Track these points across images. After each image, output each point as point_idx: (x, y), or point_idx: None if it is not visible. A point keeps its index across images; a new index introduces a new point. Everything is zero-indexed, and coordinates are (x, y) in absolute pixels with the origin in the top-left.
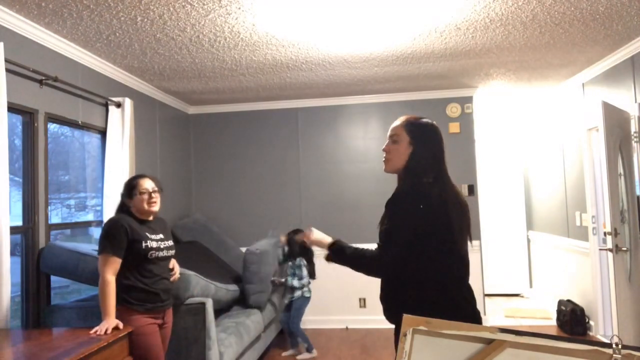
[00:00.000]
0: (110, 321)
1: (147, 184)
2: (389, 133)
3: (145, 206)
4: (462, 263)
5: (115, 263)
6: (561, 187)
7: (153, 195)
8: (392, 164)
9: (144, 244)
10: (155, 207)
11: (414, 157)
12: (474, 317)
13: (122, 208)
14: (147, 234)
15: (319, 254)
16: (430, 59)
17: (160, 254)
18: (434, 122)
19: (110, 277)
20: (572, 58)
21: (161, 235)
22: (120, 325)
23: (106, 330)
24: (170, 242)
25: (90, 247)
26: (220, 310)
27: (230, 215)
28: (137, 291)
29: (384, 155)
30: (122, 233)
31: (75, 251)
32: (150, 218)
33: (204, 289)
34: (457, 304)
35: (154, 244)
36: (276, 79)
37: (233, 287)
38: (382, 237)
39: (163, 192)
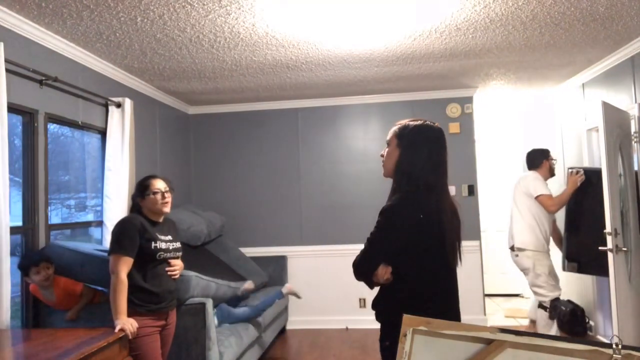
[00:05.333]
0: (124, 320)
1: (160, 184)
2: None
3: (159, 206)
4: (450, 276)
5: (129, 263)
6: (561, 187)
7: (166, 195)
8: (386, 168)
9: (153, 245)
10: (167, 208)
11: (402, 160)
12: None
13: (134, 208)
14: (157, 234)
15: None
16: (430, 59)
17: (168, 255)
18: (431, 124)
19: (124, 277)
20: (572, 58)
21: (170, 237)
22: (135, 324)
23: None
24: (178, 244)
25: (91, 247)
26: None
27: (230, 215)
28: (142, 292)
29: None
30: (135, 233)
31: (76, 250)
32: (160, 220)
33: (204, 289)
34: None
35: (163, 245)
36: (276, 79)
37: (235, 284)
38: (365, 245)
39: (174, 192)
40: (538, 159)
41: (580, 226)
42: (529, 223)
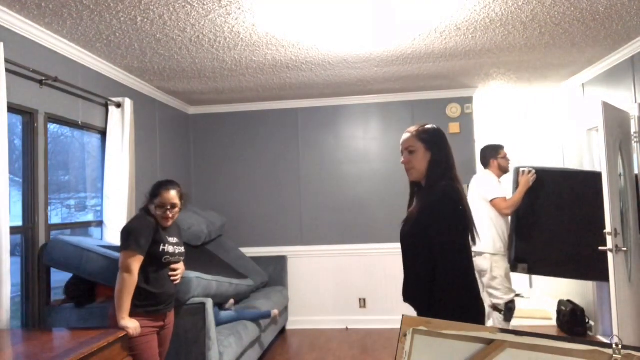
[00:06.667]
0: (128, 320)
1: (168, 198)
2: (402, 146)
3: (158, 218)
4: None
5: (140, 261)
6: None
7: (168, 212)
8: (416, 172)
9: (161, 247)
10: (167, 223)
11: (434, 162)
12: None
13: (147, 207)
14: (166, 236)
15: None
16: (430, 59)
17: (173, 259)
18: (439, 127)
19: (137, 276)
20: (572, 58)
21: (176, 239)
22: (139, 327)
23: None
24: (182, 249)
25: (94, 243)
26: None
27: (230, 215)
28: (143, 293)
29: (405, 167)
30: (151, 232)
31: (79, 246)
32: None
33: (205, 289)
34: (478, 296)
35: (171, 249)
36: (276, 79)
37: (237, 282)
38: (441, 254)
39: (183, 201)
40: (488, 157)
41: (530, 227)
42: (487, 226)
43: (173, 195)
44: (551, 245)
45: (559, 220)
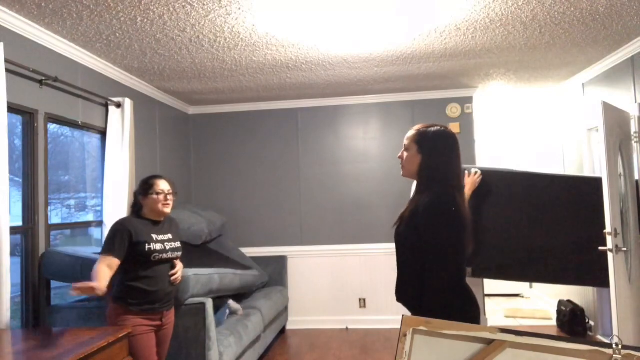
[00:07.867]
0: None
1: (164, 185)
2: (403, 142)
3: (160, 207)
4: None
5: (112, 261)
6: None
7: (168, 197)
8: (406, 170)
9: (147, 247)
10: (168, 209)
11: (424, 165)
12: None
13: (135, 206)
14: (153, 235)
15: None
16: (430, 59)
17: (165, 255)
18: (446, 128)
19: (100, 265)
20: (572, 58)
21: (169, 236)
22: (102, 288)
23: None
24: (178, 244)
25: (90, 251)
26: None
27: (230, 215)
28: (137, 292)
29: (400, 162)
30: (125, 236)
31: (74, 256)
32: (161, 219)
33: (206, 285)
34: (472, 301)
35: (159, 246)
36: (276, 79)
37: (240, 271)
38: (431, 256)
39: (177, 195)
40: None
41: (474, 229)
42: None
43: (165, 182)
44: (496, 247)
45: (504, 222)
